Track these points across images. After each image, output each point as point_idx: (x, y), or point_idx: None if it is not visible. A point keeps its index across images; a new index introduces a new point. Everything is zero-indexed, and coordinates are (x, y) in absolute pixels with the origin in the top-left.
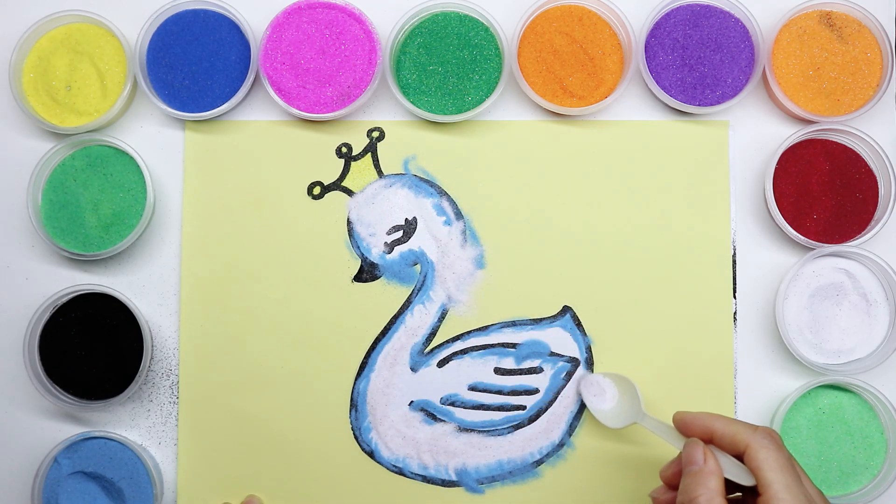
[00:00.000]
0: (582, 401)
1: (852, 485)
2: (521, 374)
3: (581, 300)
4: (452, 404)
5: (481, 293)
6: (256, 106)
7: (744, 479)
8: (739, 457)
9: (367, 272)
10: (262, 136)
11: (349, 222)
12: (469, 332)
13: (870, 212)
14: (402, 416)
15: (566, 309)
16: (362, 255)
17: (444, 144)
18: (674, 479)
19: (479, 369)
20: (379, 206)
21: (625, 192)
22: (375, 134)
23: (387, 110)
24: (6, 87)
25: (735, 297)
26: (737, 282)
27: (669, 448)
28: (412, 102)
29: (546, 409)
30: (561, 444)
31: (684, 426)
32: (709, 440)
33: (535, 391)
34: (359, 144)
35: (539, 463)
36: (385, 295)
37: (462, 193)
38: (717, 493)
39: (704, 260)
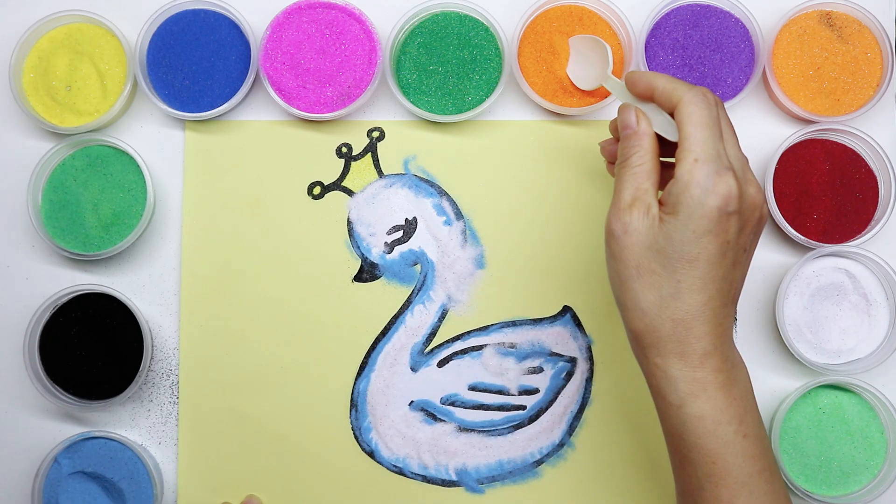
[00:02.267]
0: (582, 401)
1: (852, 485)
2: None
3: (581, 300)
4: (452, 404)
5: (481, 293)
6: (256, 106)
7: (671, 135)
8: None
9: (367, 272)
10: (262, 136)
11: (349, 222)
12: (469, 332)
13: (870, 212)
14: (403, 416)
15: (566, 309)
16: (362, 255)
17: (444, 144)
18: (617, 133)
19: (479, 369)
20: (379, 206)
21: None
22: (375, 134)
23: (387, 110)
24: (6, 87)
25: None
26: None
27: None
28: (412, 102)
29: (546, 409)
30: (561, 444)
31: (632, 84)
32: (650, 97)
33: (535, 391)
34: (359, 144)
35: (539, 463)
36: (385, 295)
37: (462, 193)
38: (649, 151)
39: None
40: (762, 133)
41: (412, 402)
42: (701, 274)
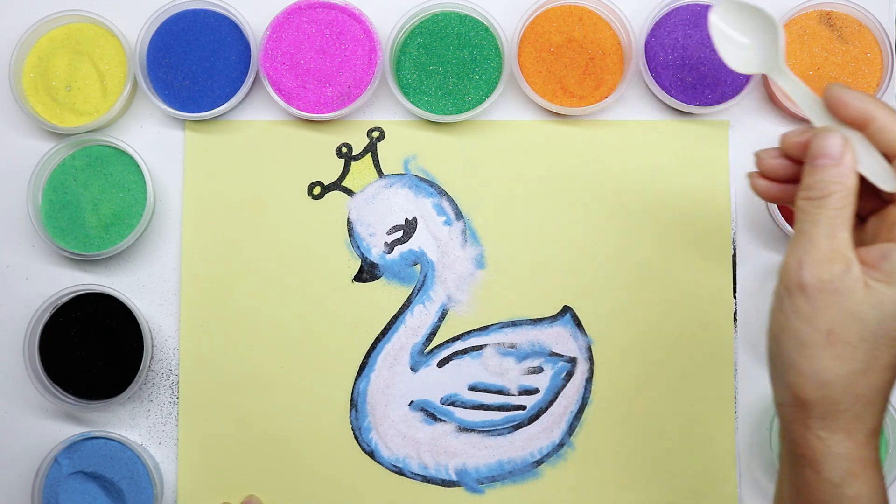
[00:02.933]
0: (582, 401)
1: None
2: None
3: (581, 300)
4: (452, 404)
5: (481, 293)
6: (256, 106)
7: (884, 184)
8: (890, 158)
9: (367, 272)
10: (262, 136)
11: (349, 222)
12: (469, 332)
13: None
14: (402, 416)
15: (566, 309)
16: (362, 255)
17: (444, 144)
18: (796, 150)
19: (479, 369)
20: (379, 206)
21: (624, 192)
22: (375, 134)
23: (387, 110)
24: (6, 87)
25: (735, 297)
26: (737, 282)
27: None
28: (412, 102)
29: (546, 409)
30: (561, 444)
31: (841, 105)
32: (862, 127)
33: (535, 391)
34: (359, 144)
35: (539, 463)
36: (385, 295)
37: (462, 193)
38: (852, 193)
39: (704, 260)
40: (762, 133)
41: (412, 402)
42: (890, 363)
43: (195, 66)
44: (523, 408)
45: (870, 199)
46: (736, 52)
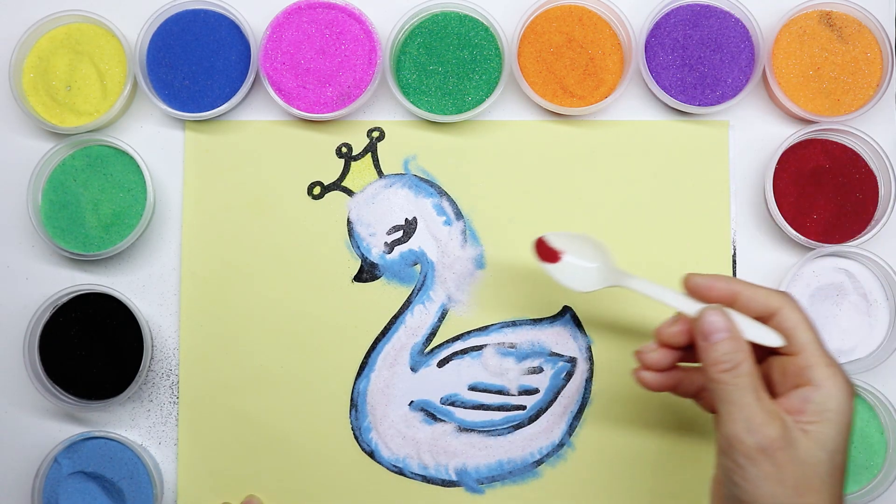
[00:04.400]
0: (582, 400)
1: (852, 485)
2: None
3: (581, 300)
4: (452, 404)
5: (481, 293)
6: (256, 106)
7: (770, 341)
8: (762, 320)
9: (367, 272)
10: (262, 136)
11: (349, 222)
12: (469, 332)
13: (870, 212)
14: (402, 416)
15: (566, 309)
16: (362, 255)
17: (444, 144)
18: (677, 338)
19: (479, 369)
20: (379, 206)
21: (625, 192)
22: (375, 134)
23: (387, 110)
24: (6, 87)
25: None
26: None
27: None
28: (412, 102)
29: (546, 409)
30: (561, 444)
31: (705, 290)
32: (731, 303)
33: (535, 391)
34: (359, 144)
35: (539, 463)
36: (385, 295)
37: (462, 193)
38: (752, 357)
39: (704, 260)
40: (762, 133)
41: (412, 402)
42: (842, 481)
43: (195, 66)
44: (523, 408)
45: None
46: (584, 278)
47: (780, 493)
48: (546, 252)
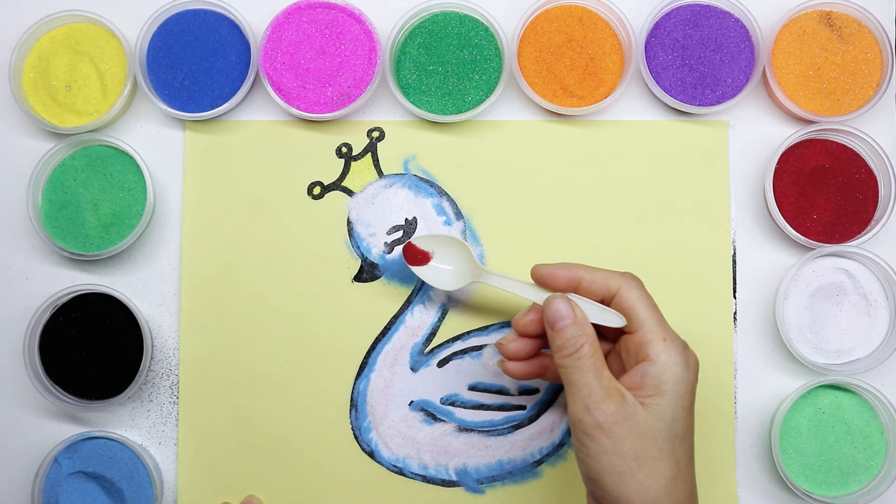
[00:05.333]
0: None
1: (852, 485)
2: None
3: None
4: (452, 404)
5: (481, 293)
6: (256, 106)
7: (612, 322)
8: (605, 301)
9: (367, 272)
10: (262, 136)
11: (349, 222)
12: (469, 332)
13: (870, 212)
14: (402, 416)
15: None
16: (362, 255)
17: (444, 144)
18: (530, 328)
19: (479, 369)
20: (379, 206)
21: (624, 192)
22: (375, 134)
23: (387, 110)
24: (6, 87)
25: (735, 297)
26: (737, 282)
27: None
28: (412, 102)
29: (546, 408)
30: (561, 444)
31: (549, 278)
32: (574, 288)
33: (535, 391)
34: (359, 144)
35: (539, 463)
36: (385, 295)
37: (462, 193)
38: (595, 339)
39: (704, 260)
40: (762, 133)
41: (412, 402)
42: (690, 448)
43: (195, 66)
44: (523, 408)
45: (604, 341)
46: (448, 278)
47: (619, 465)
48: (414, 256)
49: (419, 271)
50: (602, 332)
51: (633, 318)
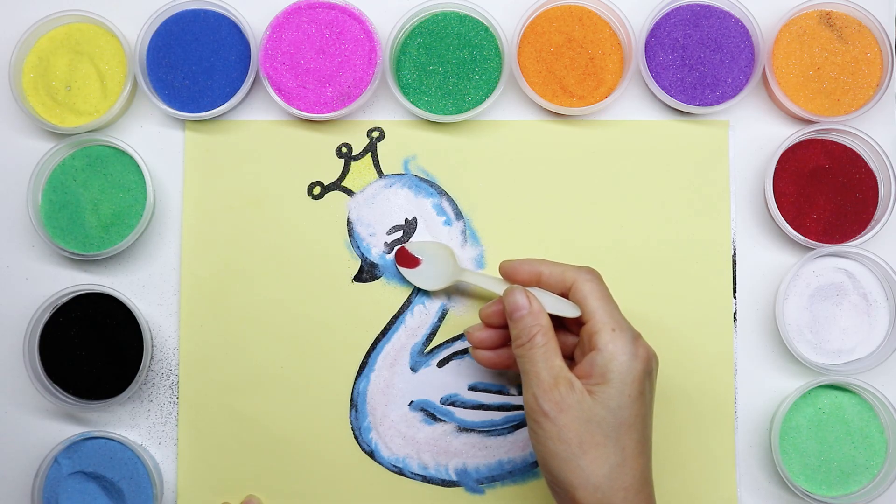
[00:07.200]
0: None
1: (852, 485)
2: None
3: None
4: (452, 404)
5: (481, 293)
6: (256, 106)
7: (568, 312)
8: (564, 294)
9: (367, 272)
10: (262, 136)
11: (349, 222)
12: None
13: (870, 212)
14: (402, 416)
15: None
16: (362, 255)
17: (444, 144)
18: (493, 318)
19: (479, 369)
20: (379, 206)
21: (624, 192)
22: (375, 134)
23: (387, 110)
24: (6, 87)
25: (735, 297)
26: (737, 282)
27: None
28: (412, 102)
29: None
30: None
31: (513, 272)
32: (536, 282)
33: None
34: (359, 144)
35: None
36: (385, 295)
37: (462, 193)
38: (550, 329)
39: (704, 260)
40: (762, 133)
41: (412, 402)
42: (639, 436)
43: (195, 66)
44: (523, 408)
45: (570, 333)
46: (432, 279)
47: (563, 451)
48: (406, 259)
49: (407, 273)
50: (567, 325)
51: (585, 309)
